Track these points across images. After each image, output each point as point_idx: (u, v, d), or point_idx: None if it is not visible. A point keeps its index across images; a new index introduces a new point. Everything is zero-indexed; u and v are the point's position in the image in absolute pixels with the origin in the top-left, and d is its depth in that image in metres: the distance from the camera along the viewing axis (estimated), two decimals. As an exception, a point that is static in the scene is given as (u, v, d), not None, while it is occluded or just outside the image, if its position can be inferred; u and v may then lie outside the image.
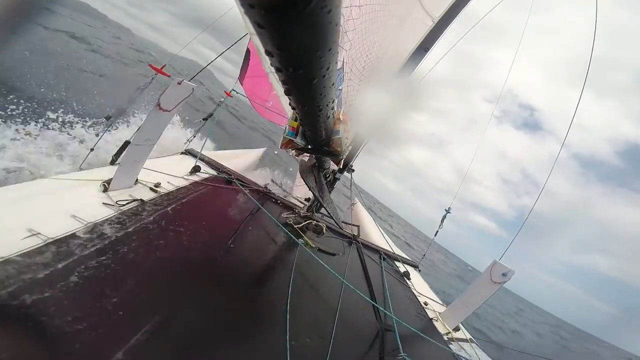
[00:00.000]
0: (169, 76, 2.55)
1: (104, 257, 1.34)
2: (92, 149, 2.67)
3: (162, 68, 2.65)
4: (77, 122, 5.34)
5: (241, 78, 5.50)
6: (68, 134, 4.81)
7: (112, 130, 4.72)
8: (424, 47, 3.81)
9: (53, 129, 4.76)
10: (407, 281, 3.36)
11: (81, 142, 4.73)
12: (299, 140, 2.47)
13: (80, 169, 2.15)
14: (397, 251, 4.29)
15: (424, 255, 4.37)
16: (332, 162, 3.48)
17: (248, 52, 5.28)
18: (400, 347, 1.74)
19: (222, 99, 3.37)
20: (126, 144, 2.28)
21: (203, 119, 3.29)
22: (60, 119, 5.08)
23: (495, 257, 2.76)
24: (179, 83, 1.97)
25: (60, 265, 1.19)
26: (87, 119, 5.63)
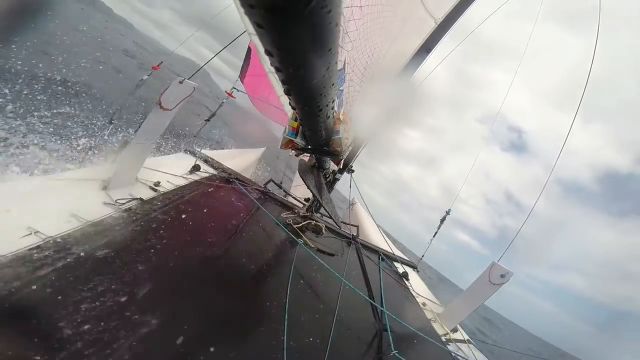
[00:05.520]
0: (157, 68, 2.56)
1: (103, 256, 1.34)
2: (90, 149, 2.67)
3: (158, 65, 2.65)
4: (77, 121, 5.34)
5: (242, 77, 5.50)
6: (69, 132, 4.82)
7: (112, 129, 4.73)
8: (426, 48, 3.80)
9: (52, 127, 4.77)
10: (406, 282, 3.36)
11: (80, 140, 4.74)
12: (299, 140, 2.47)
13: (80, 167, 2.15)
14: (396, 252, 4.29)
15: (423, 256, 4.37)
16: (332, 162, 3.47)
17: (249, 50, 5.28)
18: (392, 345, 1.75)
19: (224, 100, 3.35)
20: (125, 143, 2.28)
21: (205, 120, 3.27)
22: (60, 117, 5.09)
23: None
24: (180, 82, 1.96)
25: (59, 264, 1.19)
26: (89, 118, 5.64)
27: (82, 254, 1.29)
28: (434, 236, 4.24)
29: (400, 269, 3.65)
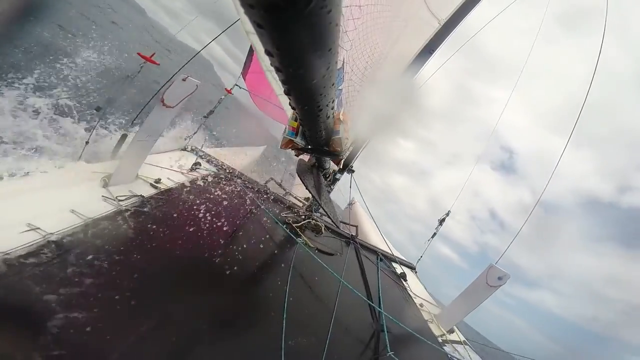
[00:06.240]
0: (157, 64, 2.51)
1: (103, 253, 1.34)
2: (87, 142, 2.66)
3: (151, 56, 2.59)
4: (72, 115, 5.31)
5: (244, 73, 5.50)
6: (63, 126, 4.79)
7: (106, 121, 4.69)
8: (429, 49, 3.79)
9: (50, 120, 4.74)
10: (404, 282, 3.36)
11: (78, 135, 4.72)
12: (299, 140, 2.47)
13: (79, 163, 2.15)
14: (395, 252, 4.29)
15: (421, 256, 4.37)
16: (332, 162, 3.47)
17: (251, 48, 5.27)
18: (388, 347, 1.75)
19: (223, 97, 3.36)
20: (123, 137, 2.27)
21: (204, 116, 3.28)
22: (55, 110, 5.05)
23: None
24: (184, 79, 1.96)
25: (59, 261, 1.19)
26: (82, 109, 5.59)
27: (82, 250, 1.29)
28: (432, 237, 4.25)
29: (399, 269, 3.66)
